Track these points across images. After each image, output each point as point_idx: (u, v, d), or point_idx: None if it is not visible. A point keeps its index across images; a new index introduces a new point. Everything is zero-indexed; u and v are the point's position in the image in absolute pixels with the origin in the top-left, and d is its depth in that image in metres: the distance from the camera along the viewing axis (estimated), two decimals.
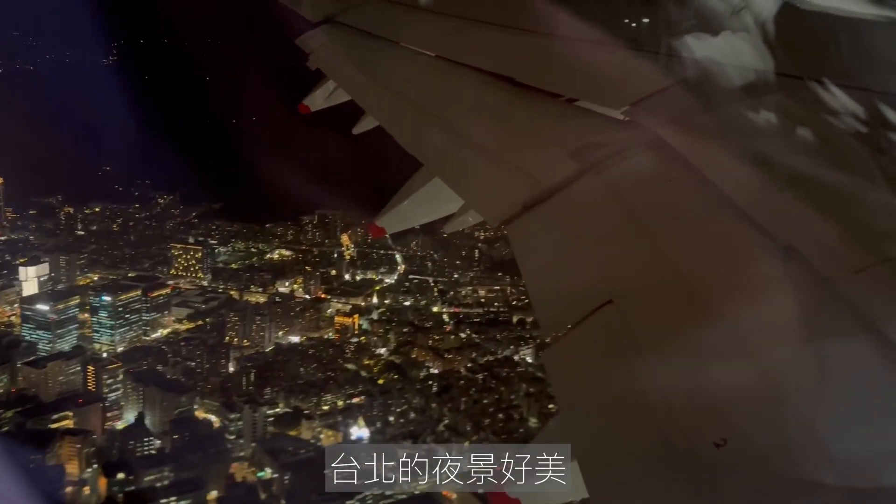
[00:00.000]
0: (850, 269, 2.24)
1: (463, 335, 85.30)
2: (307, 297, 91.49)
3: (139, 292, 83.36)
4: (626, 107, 3.72)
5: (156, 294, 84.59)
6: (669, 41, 3.80)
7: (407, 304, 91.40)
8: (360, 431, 71.59)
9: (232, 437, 69.65)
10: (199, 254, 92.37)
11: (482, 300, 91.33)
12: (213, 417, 72.78)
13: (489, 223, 3.89)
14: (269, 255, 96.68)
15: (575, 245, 3.34)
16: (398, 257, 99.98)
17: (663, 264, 2.78)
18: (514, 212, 3.56)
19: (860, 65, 3.16)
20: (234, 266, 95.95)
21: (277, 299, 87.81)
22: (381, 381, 78.59)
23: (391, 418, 73.65)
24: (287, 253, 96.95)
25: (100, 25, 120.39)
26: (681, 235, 2.91)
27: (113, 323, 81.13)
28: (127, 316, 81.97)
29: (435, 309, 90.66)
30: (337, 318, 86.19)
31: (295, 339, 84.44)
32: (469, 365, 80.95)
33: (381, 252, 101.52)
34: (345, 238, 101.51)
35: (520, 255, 3.38)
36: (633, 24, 4.63)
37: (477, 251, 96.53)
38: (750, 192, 2.75)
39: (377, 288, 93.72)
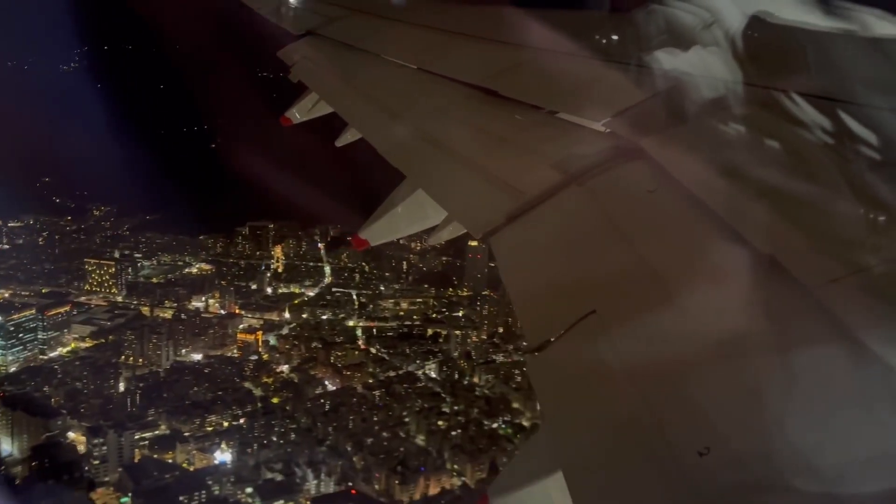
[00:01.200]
0: (828, 277, 2.29)
1: (374, 350, 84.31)
2: (222, 312, 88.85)
3: (33, 311, 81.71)
4: (606, 118, 3.82)
5: (54, 312, 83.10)
6: (647, 54, 3.92)
7: (324, 317, 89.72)
8: (228, 455, 68.56)
9: (96, 462, 67.37)
10: (113, 269, 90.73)
11: (401, 313, 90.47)
12: (83, 441, 70.90)
13: (473, 234, 3.91)
14: (187, 270, 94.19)
15: (558, 256, 3.40)
16: (327, 269, 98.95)
17: (645, 274, 2.83)
18: (497, 223, 3.64)
19: (832, 76, 3.23)
20: (154, 280, 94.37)
21: (183, 316, 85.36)
22: (275, 400, 76.41)
23: (272, 439, 70.42)
24: (207, 267, 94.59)
25: (69, 32, 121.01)
26: (662, 245, 2.97)
27: (4, 343, 79.53)
28: (21, 335, 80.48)
29: (350, 323, 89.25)
30: (239, 336, 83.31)
31: (198, 356, 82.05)
32: (370, 381, 79.52)
33: (311, 264, 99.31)
34: (277, 250, 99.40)
35: (503, 266, 3.46)
36: (612, 38, 4.75)
37: (405, 263, 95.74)
38: (729, 203, 2.81)
39: (296, 302, 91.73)
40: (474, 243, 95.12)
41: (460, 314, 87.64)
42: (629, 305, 2.76)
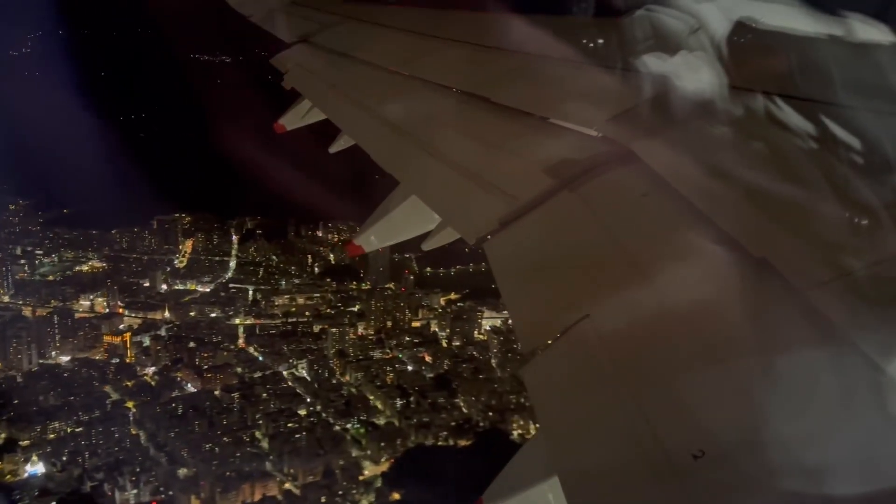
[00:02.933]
0: (820, 280, 2.34)
1: (251, 349, 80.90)
2: (106, 311, 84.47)
3: None
4: (598, 124, 3.88)
5: None
6: (637, 59, 4.02)
7: (212, 315, 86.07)
8: (46, 465, 63.90)
9: None
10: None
11: (293, 309, 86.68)
12: None
13: (467, 240, 3.97)
14: (77, 268, 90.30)
15: (551, 260, 3.45)
16: (232, 264, 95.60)
17: (638, 278, 2.88)
18: (490, 228, 3.71)
19: (821, 80, 3.30)
20: (50, 278, 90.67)
21: (56, 316, 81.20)
22: (129, 405, 72.91)
23: (107, 447, 65.56)
24: (99, 264, 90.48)
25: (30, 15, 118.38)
26: (655, 250, 3.02)
27: None
28: None
29: (237, 321, 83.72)
30: (107, 337, 78.60)
31: (66, 359, 78.00)
32: (233, 383, 75.50)
33: (216, 259, 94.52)
34: (187, 244, 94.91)
35: (497, 271, 3.49)
36: (603, 44, 4.83)
37: (310, 257, 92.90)
38: (721, 206, 2.87)
39: (186, 299, 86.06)
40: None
41: (355, 309, 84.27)
42: (622, 310, 2.76)
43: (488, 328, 77.89)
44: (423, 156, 4.98)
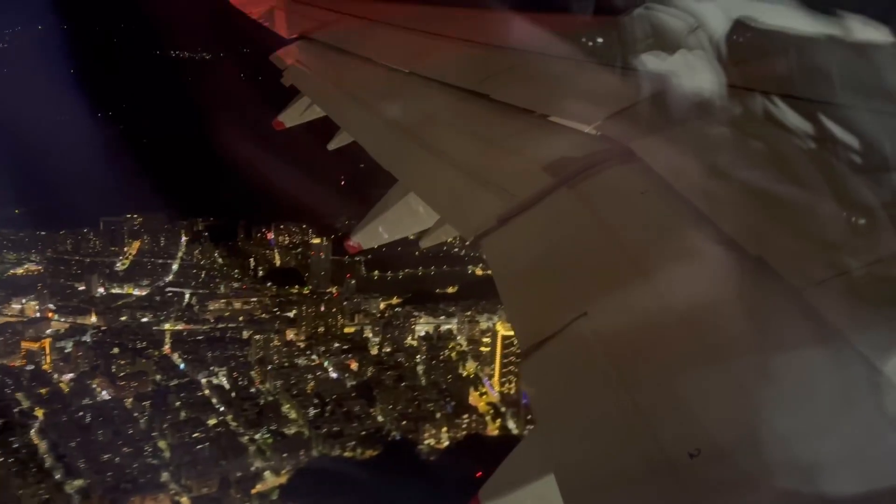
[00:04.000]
0: (817, 279, 2.35)
1: (175, 355, 77.87)
2: (37, 315, 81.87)
3: None
4: (597, 122, 3.91)
5: None
6: (636, 58, 4.05)
7: (144, 320, 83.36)
8: None
9: None
10: None
11: (227, 314, 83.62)
12: None
13: (464, 236, 4.04)
14: (12, 271, 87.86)
15: (549, 258, 3.46)
16: (174, 266, 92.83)
17: (636, 276, 2.89)
18: (489, 225, 3.72)
19: (819, 80, 3.34)
20: None
21: None
22: (38, 413, 70.23)
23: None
24: (34, 267, 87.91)
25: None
26: (653, 247, 3.03)
27: None
28: None
29: (167, 326, 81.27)
30: (25, 344, 75.79)
31: None
32: (149, 390, 72.80)
33: (160, 262, 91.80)
34: (134, 246, 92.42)
35: (495, 267, 3.52)
36: (602, 42, 4.89)
37: (254, 260, 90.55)
38: (719, 205, 2.89)
39: (120, 303, 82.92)
40: (317, 240, 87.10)
41: (291, 314, 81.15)
42: (620, 307, 2.78)
43: (422, 334, 74.37)
44: (421, 153, 5.08)
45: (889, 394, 1.92)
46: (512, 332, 61.17)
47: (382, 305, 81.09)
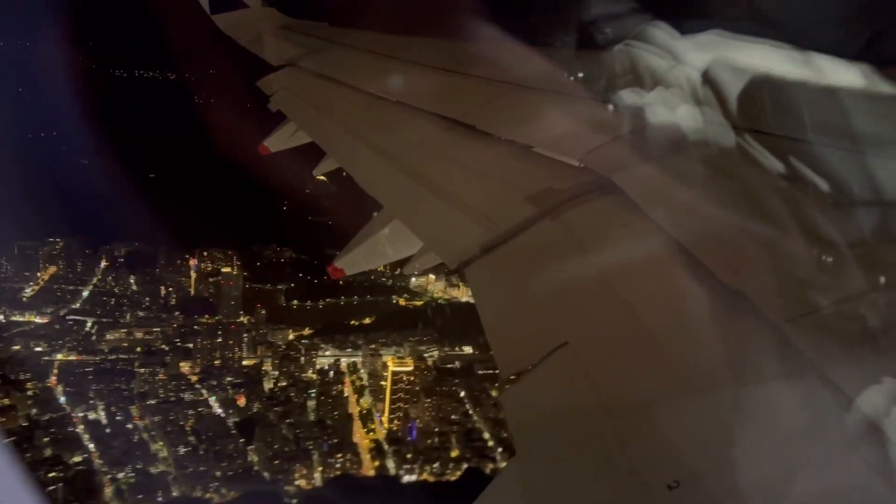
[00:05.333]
0: (795, 313, 2.43)
1: (59, 388, 72.83)
2: None
3: None
4: (580, 154, 4.02)
5: None
6: (618, 93, 4.15)
7: (37, 349, 78.56)
8: None
9: None
10: None
11: (125, 344, 79.16)
12: None
13: (448, 265, 4.07)
14: None
15: (531, 287, 3.52)
16: (84, 293, 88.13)
17: (617, 307, 2.96)
18: (472, 254, 3.86)
19: (793, 117, 3.42)
20: None
21: None
22: None
23: None
24: None
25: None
26: (634, 279, 3.09)
27: None
28: None
29: (59, 356, 75.08)
30: None
31: None
32: (18, 426, 66.71)
33: (70, 288, 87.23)
34: (49, 272, 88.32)
35: (478, 296, 3.63)
36: (587, 76, 4.90)
37: (166, 288, 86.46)
38: (699, 238, 2.95)
39: (15, 332, 78.88)
40: (227, 269, 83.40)
41: (190, 346, 76.72)
42: (601, 338, 2.88)
43: (324, 367, 70.36)
44: (406, 180, 5.22)
45: (863, 427, 1.98)
46: (402, 368, 56.05)
47: (291, 336, 77.10)
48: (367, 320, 78.96)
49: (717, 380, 2.35)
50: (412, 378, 66.49)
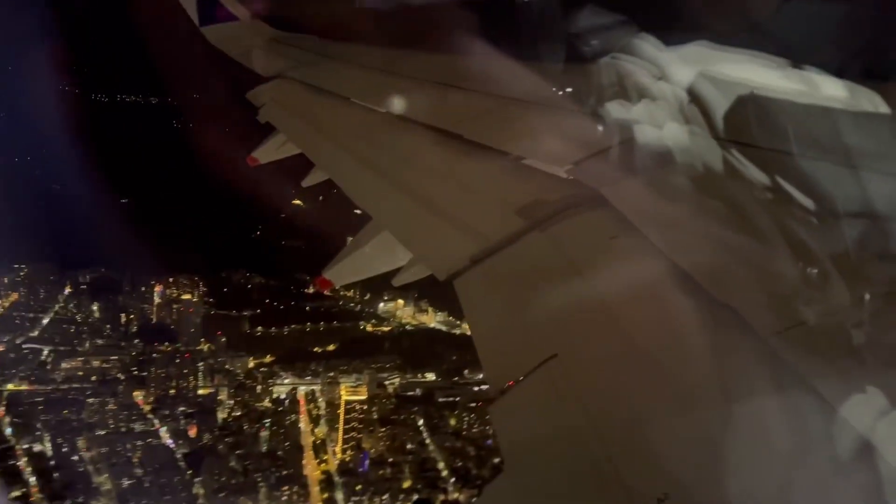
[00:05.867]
0: (783, 326, 2.45)
1: (6, 419, 70.67)
2: None
3: None
4: (569, 166, 4.07)
5: None
6: (605, 106, 4.14)
7: None
8: None
9: None
10: None
11: (81, 374, 76.96)
12: None
13: (437, 276, 4.06)
14: None
15: (520, 300, 3.52)
16: (45, 321, 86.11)
17: (605, 320, 2.97)
18: (461, 266, 3.85)
19: (778, 129, 3.40)
20: None
21: None
22: None
23: None
24: None
25: None
26: (622, 292, 3.06)
27: None
28: None
29: (10, 386, 76.71)
30: None
31: None
32: None
33: (31, 315, 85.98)
34: (11, 298, 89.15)
35: (467, 308, 3.59)
36: (573, 90, 4.94)
37: (126, 315, 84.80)
38: (687, 251, 2.96)
39: None
40: (187, 296, 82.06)
41: (145, 374, 74.87)
42: (590, 351, 2.89)
43: (280, 397, 68.81)
44: (395, 192, 5.29)
45: (850, 438, 1.99)
46: (355, 397, 54.11)
47: (251, 364, 75.23)
48: (332, 347, 76.97)
49: (706, 393, 2.34)
50: (366, 407, 64.50)
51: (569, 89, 4.97)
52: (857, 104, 3.31)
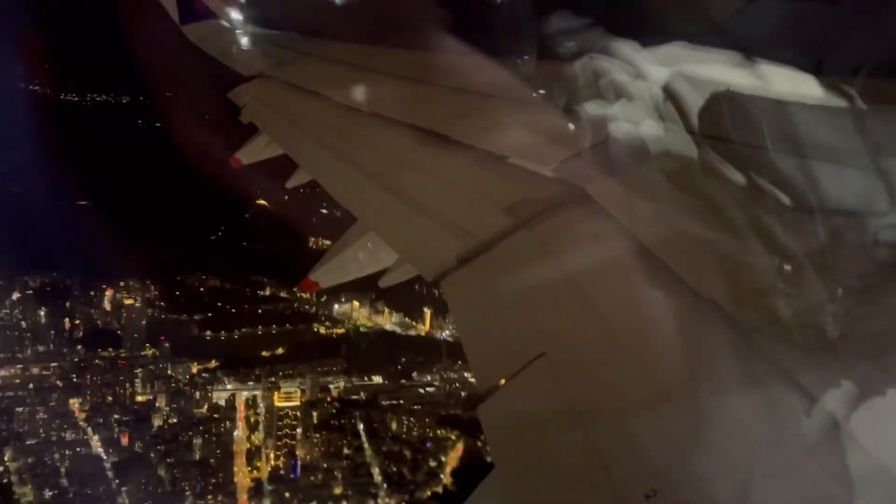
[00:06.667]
0: (768, 321, 2.46)
1: None
2: None
3: None
4: (554, 164, 4.01)
5: None
6: (586, 105, 4.16)
7: None
8: None
9: None
10: None
11: (17, 381, 75.11)
12: None
13: (424, 277, 4.08)
14: None
15: (508, 298, 3.50)
16: None
17: (592, 318, 2.98)
18: (448, 266, 3.81)
19: (755, 127, 3.44)
20: None
21: None
22: None
23: None
24: None
25: None
26: (609, 289, 3.12)
27: None
28: None
29: None
30: None
31: None
32: None
33: None
34: None
35: (454, 308, 3.60)
36: (554, 89, 4.91)
37: (68, 321, 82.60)
38: (671, 248, 2.99)
39: None
40: (130, 301, 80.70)
41: (85, 381, 73.26)
42: (577, 349, 2.88)
43: (219, 403, 67.75)
44: (380, 192, 5.12)
45: (836, 432, 2.02)
46: (287, 403, 52.25)
47: (195, 370, 73.31)
48: (280, 350, 75.28)
49: (693, 389, 2.35)
50: (298, 414, 62.79)
51: (548, 89, 4.97)
52: (830, 100, 3.33)
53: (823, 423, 2.04)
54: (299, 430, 61.05)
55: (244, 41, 10.21)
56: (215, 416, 65.34)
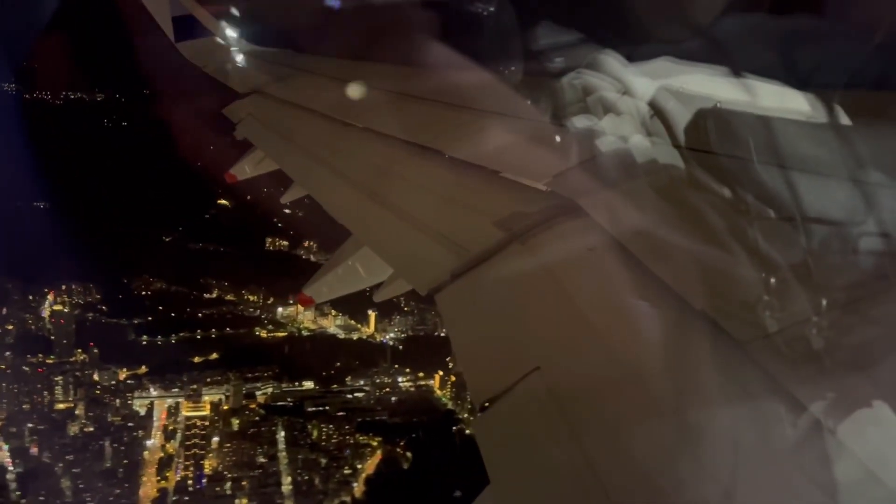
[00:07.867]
0: (761, 333, 2.47)
1: None
2: None
3: None
4: (547, 178, 4.03)
5: None
6: (576, 120, 4.22)
7: None
8: None
9: None
10: None
11: None
12: None
13: (418, 291, 4.09)
14: None
15: (502, 312, 3.53)
16: None
17: (586, 330, 2.99)
18: (442, 280, 3.82)
19: (740, 141, 3.45)
20: None
21: None
22: None
23: None
24: None
25: None
26: (602, 302, 3.13)
27: None
28: None
29: None
30: None
31: None
32: None
33: None
34: None
35: (449, 322, 3.61)
36: (552, 102, 4.91)
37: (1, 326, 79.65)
38: (664, 260, 3.00)
39: None
40: (59, 307, 78.93)
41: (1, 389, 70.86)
42: (571, 362, 2.90)
43: (137, 411, 66.26)
44: (375, 207, 5.16)
45: (830, 444, 2.04)
46: (195, 413, 49.92)
47: (122, 376, 71.52)
48: (214, 356, 73.04)
49: (687, 402, 2.38)
50: (207, 423, 61.66)
51: (538, 104, 4.92)
52: (814, 114, 3.37)
53: (813, 434, 2.04)
54: (215, 439, 58.68)
55: (239, 58, 10.40)
56: (129, 424, 63.83)
